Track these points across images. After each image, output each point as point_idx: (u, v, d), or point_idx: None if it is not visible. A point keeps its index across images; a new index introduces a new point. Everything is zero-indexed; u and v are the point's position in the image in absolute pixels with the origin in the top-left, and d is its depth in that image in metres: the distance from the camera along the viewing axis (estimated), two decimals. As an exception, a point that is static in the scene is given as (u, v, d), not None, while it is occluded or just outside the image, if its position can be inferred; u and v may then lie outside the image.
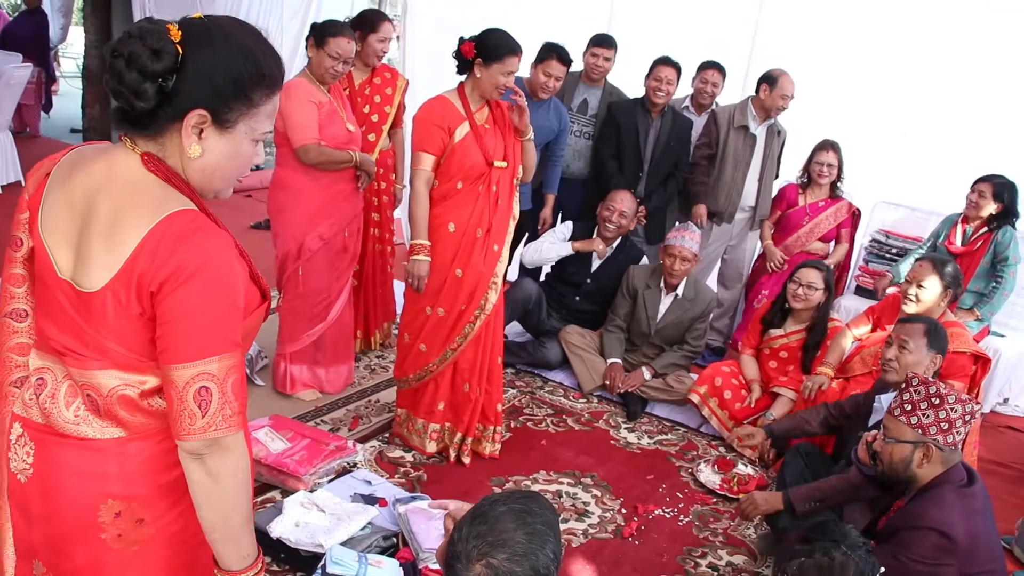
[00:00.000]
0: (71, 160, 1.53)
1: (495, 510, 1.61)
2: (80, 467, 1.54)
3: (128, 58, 1.40)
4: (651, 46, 5.50)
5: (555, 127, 5.01)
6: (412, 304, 3.79)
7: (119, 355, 1.48)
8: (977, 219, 4.98)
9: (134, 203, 1.44)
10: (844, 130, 5.41)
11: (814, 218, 5.36)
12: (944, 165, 5.02)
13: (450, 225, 3.64)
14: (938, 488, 2.59)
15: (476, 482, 3.74)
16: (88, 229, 1.44)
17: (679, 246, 4.73)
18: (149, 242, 1.40)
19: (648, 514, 3.70)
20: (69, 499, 1.55)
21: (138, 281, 1.40)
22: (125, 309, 1.43)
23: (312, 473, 3.43)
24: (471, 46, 3.51)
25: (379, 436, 4.00)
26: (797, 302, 4.44)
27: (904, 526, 2.59)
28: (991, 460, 4.57)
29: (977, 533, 2.49)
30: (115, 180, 1.46)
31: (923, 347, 3.38)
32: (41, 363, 1.56)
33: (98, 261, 1.43)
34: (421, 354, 3.78)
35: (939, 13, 5.47)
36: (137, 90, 1.42)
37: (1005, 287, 4.93)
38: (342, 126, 4.00)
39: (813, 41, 5.73)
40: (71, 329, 1.49)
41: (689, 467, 4.18)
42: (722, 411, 4.52)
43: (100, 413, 1.52)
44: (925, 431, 2.60)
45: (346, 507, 3.21)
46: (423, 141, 3.59)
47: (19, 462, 1.58)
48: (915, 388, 2.67)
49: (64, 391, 1.53)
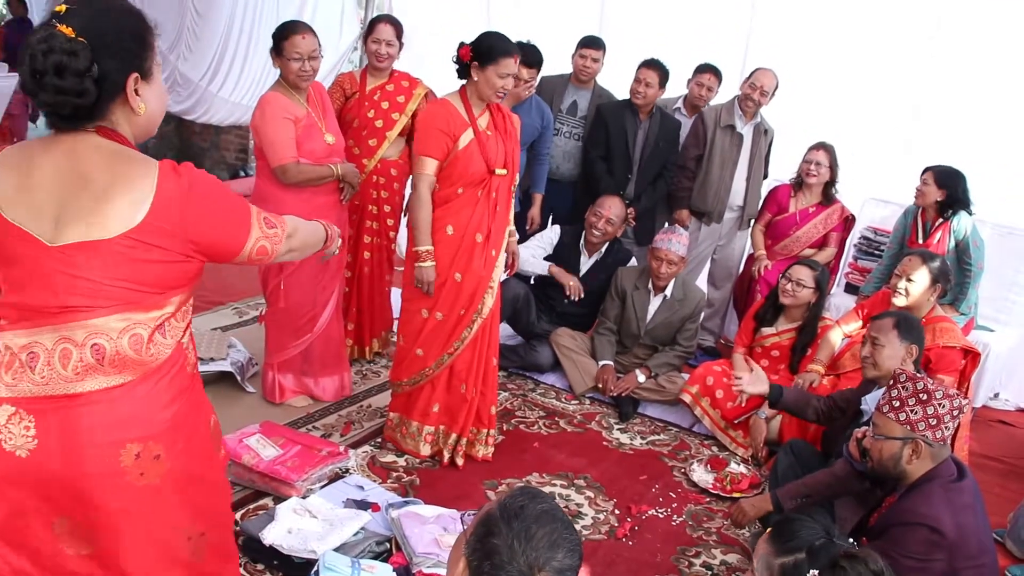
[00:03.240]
0: (14, 157, 1.71)
1: (526, 512, 1.52)
2: (94, 421, 1.70)
3: (55, 70, 1.59)
4: (642, 47, 5.51)
5: (538, 125, 5.02)
6: (409, 307, 3.80)
7: (130, 295, 1.69)
8: (928, 208, 4.99)
9: (123, 164, 1.68)
10: (835, 128, 5.43)
11: (802, 226, 5.35)
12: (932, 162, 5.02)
13: (448, 228, 3.66)
14: (927, 484, 2.60)
15: (469, 485, 3.76)
16: (75, 195, 1.65)
17: (665, 249, 4.74)
18: (163, 190, 1.67)
19: (642, 514, 3.71)
20: (90, 453, 1.70)
21: (179, 220, 1.69)
22: (153, 248, 1.67)
23: (304, 479, 3.44)
24: (468, 50, 3.54)
25: (371, 441, 4.01)
26: (786, 298, 4.47)
27: (894, 522, 2.60)
28: (982, 454, 4.60)
29: (966, 527, 2.50)
30: (83, 153, 1.68)
31: (895, 340, 3.40)
32: (25, 340, 1.69)
33: (109, 215, 1.64)
34: (418, 358, 3.79)
35: (929, 12, 5.49)
36: (79, 90, 1.62)
37: (972, 275, 4.94)
38: (321, 139, 3.94)
39: (807, 42, 5.75)
40: (71, 287, 1.66)
41: (682, 467, 4.20)
42: (714, 410, 4.54)
43: (105, 363, 1.69)
44: (913, 427, 2.62)
45: (339, 513, 3.22)
46: (427, 145, 3.60)
47: (17, 439, 1.69)
48: (903, 384, 2.68)
49: (58, 356, 1.68)
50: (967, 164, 4.97)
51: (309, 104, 3.94)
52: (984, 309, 5.29)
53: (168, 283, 1.73)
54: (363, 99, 4.50)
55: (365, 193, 4.54)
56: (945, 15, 5.45)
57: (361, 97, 4.50)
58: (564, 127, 5.39)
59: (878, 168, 5.73)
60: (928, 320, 3.97)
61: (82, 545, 1.77)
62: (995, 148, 5.31)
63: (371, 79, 4.54)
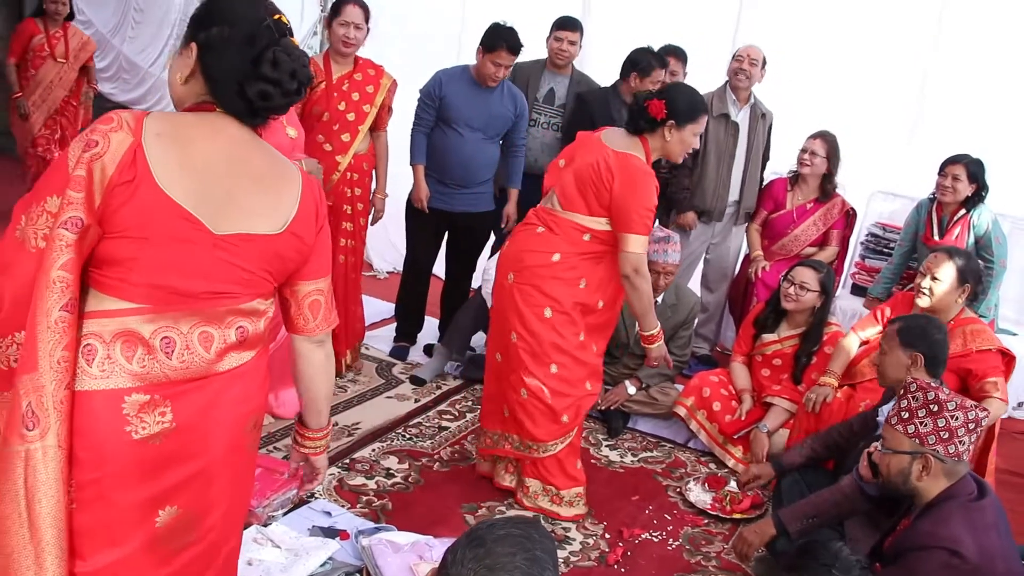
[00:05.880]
0: (173, 130, 1.79)
1: (493, 533, 1.63)
2: (232, 396, 1.88)
3: (303, 80, 1.87)
4: (628, 33, 5.48)
5: (511, 113, 4.94)
6: (572, 381, 3.68)
7: (267, 284, 1.90)
8: (952, 204, 4.94)
9: (278, 162, 1.92)
10: (837, 118, 5.43)
11: (800, 224, 5.34)
12: (942, 152, 5.00)
13: (599, 303, 3.66)
14: (944, 503, 2.57)
15: (446, 510, 3.70)
16: (245, 187, 1.82)
17: (662, 262, 4.57)
18: (307, 190, 1.92)
19: (634, 539, 3.67)
20: (229, 426, 1.89)
21: (317, 219, 1.95)
22: (299, 242, 1.91)
23: (265, 506, 3.36)
24: (662, 106, 3.50)
25: (338, 462, 3.94)
26: (789, 302, 4.42)
27: (910, 546, 2.56)
28: (1005, 469, 4.54)
29: (991, 549, 2.46)
30: (250, 147, 1.87)
31: (896, 347, 3.37)
32: (156, 325, 1.75)
33: (271, 210, 1.86)
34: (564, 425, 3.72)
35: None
36: (297, 91, 1.87)
37: (995, 273, 4.90)
38: (283, 133, 3.87)
39: (800, 26, 5.78)
40: (227, 275, 1.81)
41: (677, 486, 4.16)
42: (711, 424, 4.50)
43: (245, 343, 1.88)
44: (923, 440, 2.58)
45: (304, 542, 3.17)
46: (648, 220, 3.54)
47: (152, 427, 1.76)
48: (912, 394, 2.65)
49: (197, 338, 1.80)
50: (980, 153, 4.94)
51: None
52: (1005, 310, 5.25)
53: (294, 270, 1.97)
54: (331, 89, 4.41)
55: (338, 192, 4.46)
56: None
57: (329, 87, 4.41)
58: (541, 117, 5.33)
59: (884, 159, 5.75)
60: (956, 323, 3.93)
61: (177, 539, 1.87)
62: (1011, 135, 5.29)
63: (335, 67, 4.45)
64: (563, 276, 3.54)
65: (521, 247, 3.64)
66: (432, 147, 4.85)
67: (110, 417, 1.72)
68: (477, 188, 4.98)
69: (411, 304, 5.31)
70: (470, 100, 4.78)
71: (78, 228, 1.66)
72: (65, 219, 1.65)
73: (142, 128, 1.73)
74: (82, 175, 1.66)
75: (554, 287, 3.54)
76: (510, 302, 3.62)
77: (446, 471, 4.03)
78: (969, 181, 4.82)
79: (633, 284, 3.55)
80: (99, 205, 1.68)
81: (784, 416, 4.33)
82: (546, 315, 3.55)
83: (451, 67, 4.95)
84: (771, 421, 4.34)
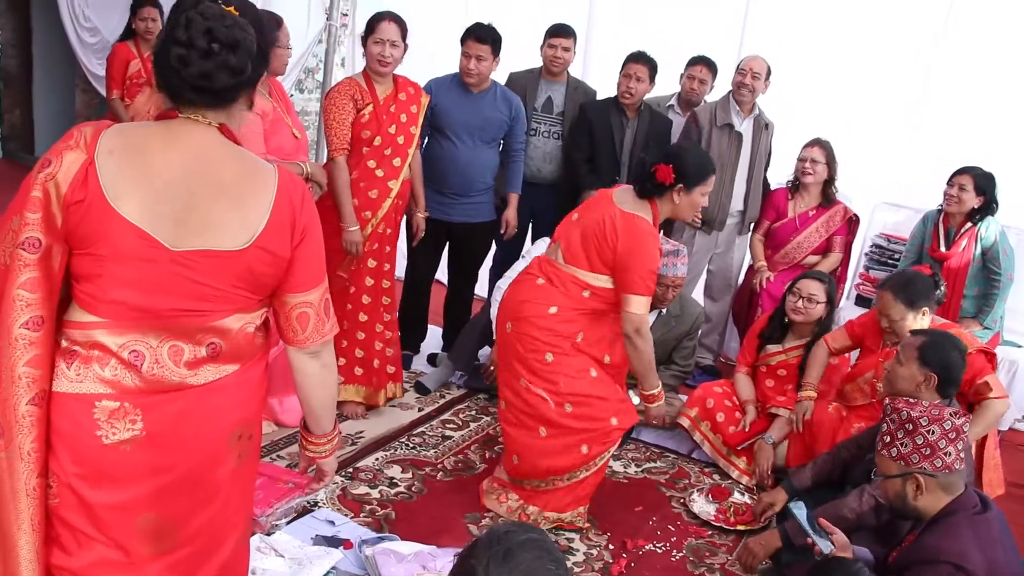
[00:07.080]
0: (126, 144, 1.78)
1: (512, 539, 1.60)
2: (210, 407, 1.89)
3: (230, 44, 1.76)
4: (632, 41, 5.52)
5: (505, 116, 4.92)
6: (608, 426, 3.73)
7: (244, 299, 1.87)
8: (959, 215, 5.00)
9: (249, 169, 1.86)
10: (840, 128, 5.46)
11: (802, 231, 5.39)
12: (948, 162, 5.05)
13: (607, 357, 3.74)
14: (949, 517, 2.60)
15: (449, 519, 3.75)
16: (207, 199, 1.78)
17: (672, 276, 4.61)
18: (282, 198, 1.86)
19: (638, 550, 3.71)
20: (205, 438, 1.90)
21: (294, 230, 1.88)
22: (271, 256, 1.85)
23: (269, 514, 3.41)
24: (670, 171, 3.56)
25: (342, 471, 3.97)
26: (797, 315, 4.48)
27: (916, 561, 2.60)
28: (1009, 481, 4.54)
29: (997, 563, 2.50)
30: (214, 154, 1.82)
31: (913, 362, 3.37)
32: (123, 339, 1.79)
33: (236, 223, 1.81)
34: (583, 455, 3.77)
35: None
36: (240, 68, 1.79)
37: (1002, 285, 4.96)
38: (288, 135, 3.94)
39: (806, 34, 5.78)
40: (190, 292, 1.80)
41: (681, 497, 4.21)
42: (715, 435, 4.55)
43: (219, 357, 1.88)
44: (907, 461, 2.63)
45: (307, 551, 3.21)
46: (653, 282, 3.64)
47: (122, 432, 1.81)
48: (889, 417, 2.71)
49: (166, 352, 1.82)
50: (986, 164, 4.99)
51: (273, 97, 3.94)
52: (1011, 322, 5.30)
53: (276, 284, 1.93)
54: (379, 111, 4.28)
55: (387, 218, 4.41)
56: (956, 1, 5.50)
57: (377, 109, 4.27)
58: (541, 126, 5.37)
59: (888, 170, 5.76)
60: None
61: (161, 543, 1.91)
62: (1019, 147, 5.33)
63: (378, 88, 4.32)
64: (559, 329, 3.61)
65: (521, 297, 3.72)
66: (427, 157, 4.84)
67: (83, 420, 1.80)
68: (476, 197, 4.98)
69: (413, 313, 5.31)
70: (461, 105, 4.79)
71: (36, 248, 1.73)
72: (23, 240, 1.72)
73: (96, 145, 1.75)
74: (38, 196, 1.72)
75: (551, 338, 3.62)
76: (512, 351, 3.70)
77: (449, 480, 4.08)
78: (976, 193, 4.89)
79: (634, 344, 3.64)
80: (61, 223, 1.74)
81: (788, 427, 4.36)
82: (547, 359, 3.63)
83: (441, 76, 4.93)
84: (776, 432, 4.37)
